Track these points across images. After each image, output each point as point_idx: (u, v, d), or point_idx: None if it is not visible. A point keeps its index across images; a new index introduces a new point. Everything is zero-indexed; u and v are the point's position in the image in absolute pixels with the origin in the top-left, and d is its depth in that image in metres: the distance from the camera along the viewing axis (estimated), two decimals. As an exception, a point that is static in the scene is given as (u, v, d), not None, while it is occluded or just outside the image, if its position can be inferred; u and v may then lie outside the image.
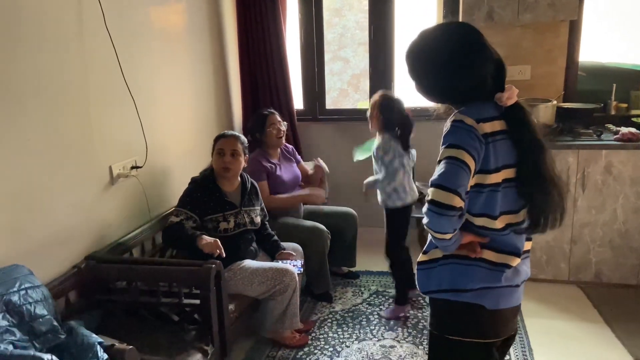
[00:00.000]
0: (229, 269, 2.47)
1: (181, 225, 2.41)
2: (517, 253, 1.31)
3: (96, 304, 2.19)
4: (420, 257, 1.39)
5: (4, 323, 1.46)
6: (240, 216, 2.57)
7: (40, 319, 1.57)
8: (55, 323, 1.61)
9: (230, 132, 2.65)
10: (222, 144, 2.58)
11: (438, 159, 1.28)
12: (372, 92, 3.82)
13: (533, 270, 3.18)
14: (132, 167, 2.56)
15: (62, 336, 1.59)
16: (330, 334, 2.75)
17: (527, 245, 1.40)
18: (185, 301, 2.15)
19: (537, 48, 3.47)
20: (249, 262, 2.54)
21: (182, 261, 2.22)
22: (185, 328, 2.16)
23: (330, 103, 4.13)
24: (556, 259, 3.19)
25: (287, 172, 3.19)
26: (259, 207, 2.70)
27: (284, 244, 2.78)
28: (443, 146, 1.27)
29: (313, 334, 2.75)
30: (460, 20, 3.35)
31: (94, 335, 1.60)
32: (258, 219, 2.67)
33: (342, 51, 4.25)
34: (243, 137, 2.66)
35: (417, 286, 1.40)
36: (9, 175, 1.87)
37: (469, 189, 1.26)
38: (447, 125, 1.30)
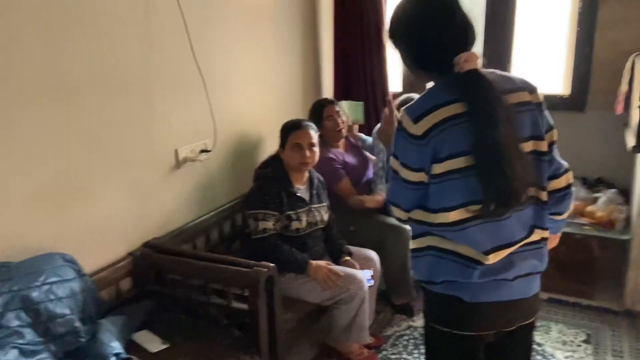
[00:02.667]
0: (291, 270, 2.23)
1: (275, 238, 2.20)
2: (486, 251, 1.21)
3: (148, 295, 2.08)
4: (411, 244, 1.36)
5: (15, 323, 1.35)
6: (311, 214, 2.31)
7: (60, 319, 1.45)
8: (77, 324, 1.48)
9: (304, 121, 2.36)
10: (298, 137, 2.29)
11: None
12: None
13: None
14: (202, 151, 2.41)
15: (83, 339, 1.46)
16: (405, 355, 2.40)
17: (536, 236, 1.27)
18: (235, 305, 1.95)
19: None
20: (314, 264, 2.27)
21: (234, 260, 2.01)
22: (234, 333, 1.96)
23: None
24: None
25: (352, 158, 2.86)
26: (326, 204, 2.42)
27: (355, 249, 2.46)
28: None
29: (384, 352, 2.42)
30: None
31: (113, 343, 1.45)
32: (326, 217, 2.40)
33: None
34: (314, 125, 2.38)
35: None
36: (57, 154, 1.78)
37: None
38: None
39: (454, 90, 1.19)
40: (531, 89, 1.27)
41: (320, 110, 2.80)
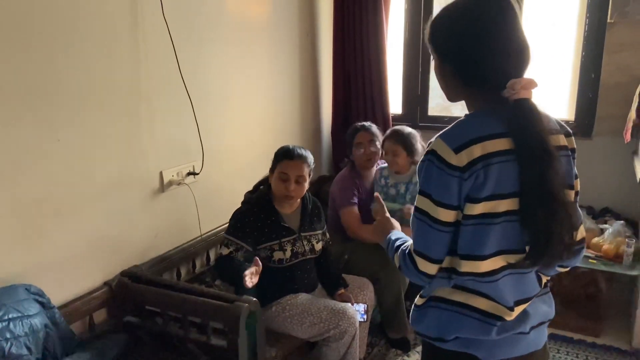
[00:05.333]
0: (277, 303, 2.11)
1: (230, 260, 2.06)
2: (510, 307, 1.10)
3: (124, 327, 1.96)
4: (418, 300, 1.22)
5: (-34, 364, 1.24)
6: (298, 244, 2.17)
7: (15, 360, 1.33)
8: (33, 365, 1.36)
9: (297, 150, 2.17)
10: (286, 167, 2.12)
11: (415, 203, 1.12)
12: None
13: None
14: (189, 174, 2.31)
15: (40, 382, 1.34)
16: (397, 394, 2.26)
17: (542, 281, 1.19)
18: (214, 341, 1.83)
19: None
20: (303, 297, 2.14)
21: (216, 292, 1.89)
22: (213, 372, 1.84)
23: (437, 109, 3.55)
24: None
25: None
26: (320, 232, 2.28)
27: (350, 277, 2.34)
28: (418, 187, 1.11)
29: (376, 391, 2.28)
30: (610, 12, 2.62)
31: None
32: (319, 246, 2.26)
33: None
34: (310, 157, 2.19)
35: (410, 321, 1.24)
36: (31, 178, 1.68)
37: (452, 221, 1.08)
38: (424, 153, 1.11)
39: (501, 121, 1.05)
40: (567, 133, 1.16)
41: (352, 135, 2.69)
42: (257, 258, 1.92)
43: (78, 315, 1.85)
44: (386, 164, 2.67)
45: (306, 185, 2.17)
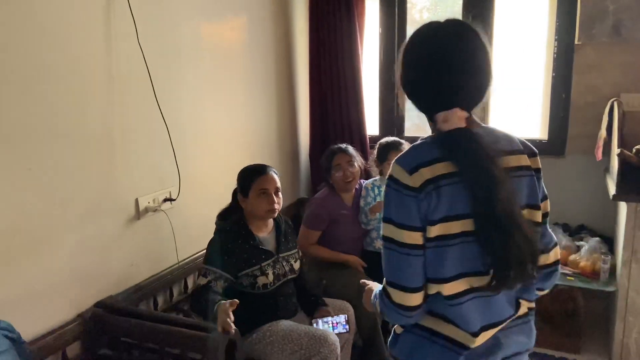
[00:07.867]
0: (259, 330, 2.07)
1: (207, 290, 1.99)
2: (474, 332, 1.08)
3: (99, 361, 1.90)
4: (397, 328, 1.22)
5: None
6: (278, 265, 2.15)
7: (-19, 402, 1.27)
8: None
9: (265, 166, 2.20)
10: (263, 183, 2.12)
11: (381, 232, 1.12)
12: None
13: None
14: (166, 200, 2.27)
15: None
16: (381, 420, 2.22)
17: (522, 309, 1.16)
18: (192, 373, 1.78)
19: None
20: (284, 324, 2.10)
21: (194, 322, 1.85)
22: (192, 405, 1.79)
23: (412, 129, 3.58)
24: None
25: (351, 228, 2.73)
26: (295, 251, 2.28)
27: (330, 300, 2.32)
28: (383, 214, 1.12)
29: (360, 417, 2.24)
30: (577, 34, 2.70)
31: None
32: (297, 265, 2.25)
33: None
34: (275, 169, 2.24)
35: (388, 344, 1.25)
36: (1, 208, 1.62)
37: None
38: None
39: (442, 147, 1.08)
40: (531, 153, 1.16)
41: (330, 159, 2.68)
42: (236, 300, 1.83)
43: (50, 350, 1.77)
44: (369, 180, 2.78)
45: (281, 197, 2.18)
